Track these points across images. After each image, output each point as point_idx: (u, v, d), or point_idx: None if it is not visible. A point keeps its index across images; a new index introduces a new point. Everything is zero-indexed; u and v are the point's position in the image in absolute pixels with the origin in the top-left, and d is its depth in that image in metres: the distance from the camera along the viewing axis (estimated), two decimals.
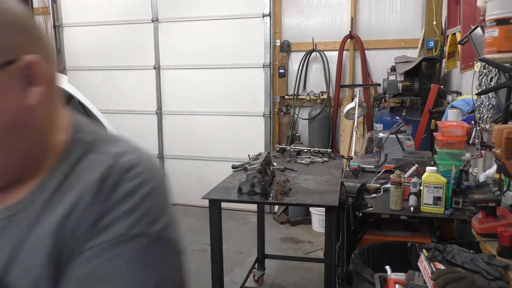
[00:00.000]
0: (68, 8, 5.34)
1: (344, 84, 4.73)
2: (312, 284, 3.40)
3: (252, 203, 2.81)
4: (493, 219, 1.77)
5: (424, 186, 2.13)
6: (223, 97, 4.95)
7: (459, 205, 2.17)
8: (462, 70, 3.14)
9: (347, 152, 4.36)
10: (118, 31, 5.14)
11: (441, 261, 1.53)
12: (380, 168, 2.83)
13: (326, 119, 4.69)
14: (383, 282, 1.56)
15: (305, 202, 2.25)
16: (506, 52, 1.80)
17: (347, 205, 2.21)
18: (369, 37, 4.58)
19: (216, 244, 2.26)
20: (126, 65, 5.11)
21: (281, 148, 3.37)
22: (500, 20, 1.79)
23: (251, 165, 2.33)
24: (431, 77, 3.93)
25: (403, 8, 4.48)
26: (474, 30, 2.38)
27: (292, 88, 4.83)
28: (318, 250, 3.95)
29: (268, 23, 4.68)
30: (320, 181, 2.50)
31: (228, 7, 4.79)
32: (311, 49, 4.71)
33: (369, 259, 2.09)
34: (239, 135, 4.95)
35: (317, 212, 4.31)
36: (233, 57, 4.85)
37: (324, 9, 4.72)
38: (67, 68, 5.45)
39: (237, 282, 3.25)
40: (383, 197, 2.41)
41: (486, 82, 2.22)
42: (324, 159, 3.09)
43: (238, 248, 3.96)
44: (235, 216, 4.73)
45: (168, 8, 4.96)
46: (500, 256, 1.56)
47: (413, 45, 4.45)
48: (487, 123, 2.20)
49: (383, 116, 4.09)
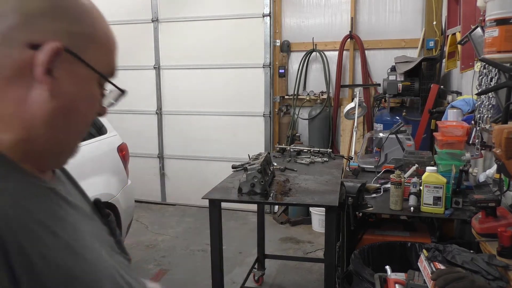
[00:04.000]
0: None
1: (344, 84, 4.73)
2: (312, 284, 3.40)
3: (252, 203, 2.81)
4: (493, 219, 1.77)
5: (424, 186, 2.13)
6: (223, 97, 4.95)
7: (459, 205, 2.17)
8: (462, 70, 3.14)
9: (347, 152, 4.36)
10: (118, 31, 5.03)
11: (441, 261, 1.53)
12: (380, 168, 2.83)
13: (326, 119, 4.69)
14: (383, 282, 1.56)
15: (305, 202, 2.25)
16: (506, 52, 1.80)
17: (347, 205, 2.21)
18: (369, 37, 4.58)
19: (216, 244, 2.26)
20: (126, 65, 5.10)
21: (281, 148, 3.37)
22: (500, 20, 1.79)
23: (251, 165, 2.33)
24: (431, 77, 3.93)
25: (403, 8, 4.48)
26: (474, 30, 2.38)
27: (292, 88, 4.83)
28: (318, 250, 3.95)
29: (268, 23, 4.68)
30: (320, 181, 2.50)
31: (228, 7, 4.78)
32: (311, 49, 4.71)
33: (369, 259, 2.09)
34: (239, 135, 4.95)
35: (317, 212, 4.31)
36: (233, 57, 4.85)
37: (324, 9, 4.72)
38: None
39: (237, 282, 3.25)
40: (383, 197, 2.41)
41: (486, 82, 2.22)
42: (324, 159, 3.09)
43: (238, 248, 3.96)
44: (235, 216, 4.74)
45: (168, 8, 4.96)
46: (500, 256, 1.56)
47: (413, 45, 4.45)
48: (487, 123, 2.20)
49: (383, 116, 4.09)
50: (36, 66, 0.56)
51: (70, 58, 0.60)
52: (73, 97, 0.61)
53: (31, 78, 0.57)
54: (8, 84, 0.57)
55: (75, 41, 0.60)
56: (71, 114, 0.62)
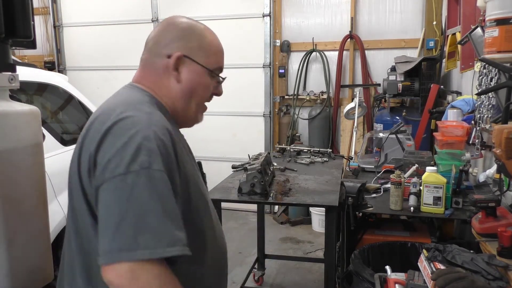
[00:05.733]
0: (68, 8, 5.35)
1: (344, 84, 4.73)
2: (312, 284, 3.40)
3: (252, 203, 2.81)
4: (493, 219, 1.77)
5: (424, 186, 2.13)
6: (223, 97, 4.84)
7: (459, 205, 2.17)
8: (462, 70, 3.14)
9: (347, 152, 4.36)
10: (118, 31, 5.13)
11: (441, 261, 1.53)
12: (380, 168, 2.83)
13: (326, 119, 4.69)
14: (383, 282, 1.56)
15: (305, 202, 2.25)
16: (506, 52, 1.80)
17: (347, 205, 2.21)
18: (369, 37, 4.58)
19: None
20: (126, 65, 5.09)
21: (281, 148, 3.37)
22: (500, 20, 1.79)
23: (251, 165, 2.33)
24: (431, 77, 3.93)
25: (403, 8, 4.48)
26: (474, 30, 2.38)
27: (292, 88, 4.83)
28: (318, 250, 3.95)
29: (268, 23, 4.68)
30: (320, 181, 2.50)
31: (228, 7, 4.79)
32: (311, 49, 4.71)
33: (369, 259, 2.09)
34: (239, 135, 4.95)
35: (317, 212, 4.31)
36: (233, 57, 4.83)
37: (324, 9, 4.72)
38: (67, 68, 5.46)
39: (237, 282, 3.25)
40: (383, 197, 2.40)
41: (486, 82, 2.22)
42: (324, 159, 3.09)
43: (238, 248, 3.96)
44: (235, 216, 4.74)
45: (168, 8, 4.96)
46: (500, 256, 1.56)
47: (413, 45, 4.45)
48: (487, 123, 2.20)
49: (383, 116, 4.09)
50: (169, 67, 1.09)
51: (188, 60, 1.10)
52: (191, 83, 1.11)
53: (169, 73, 1.10)
54: (163, 77, 1.11)
55: (190, 50, 1.10)
56: (192, 93, 1.12)
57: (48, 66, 5.46)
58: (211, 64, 1.12)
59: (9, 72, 1.35)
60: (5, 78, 1.33)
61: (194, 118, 1.18)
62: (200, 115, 1.19)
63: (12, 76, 1.35)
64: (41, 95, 3.00)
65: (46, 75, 3.03)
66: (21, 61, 3.95)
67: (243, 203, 2.32)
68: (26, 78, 2.47)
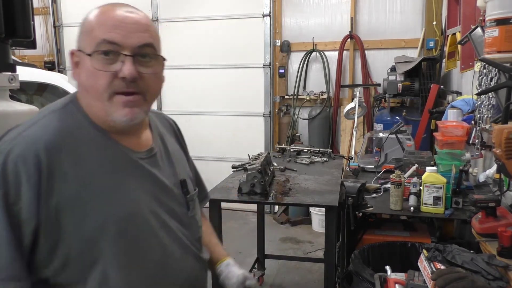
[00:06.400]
0: (68, 8, 5.34)
1: (344, 84, 4.73)
2: (312, 284, 3.40)
3: (252, 203, 2.81)
4: (493, 219, 1.77)
5: (424, 186, 2.13)
6: (223, 97, 4.95)
7: (459, 205, 2.17)
8: (462, 70, 3.14)
9: (347, 152, 4.36)
10: None
11: (441, 261, 1.53)
12: (380, 168, 2.83)
13: (326, 119, 4.69)
14: (383, 282, 1.56)
15: (305, 202, 2.25)
16: (506, 52, 1.80)
17: (347, 205, 2.21)
18: (369, 37, 4.58)
19: None
20: None
21: (281, 148, 3.37)
22: (500, 20, 1.79)
23: (251, 165, 2.33)
24: (431, 77, 3.93)
25: (403, 8, 4.48)
26: (474, 30, 2.38)
27: (292, 88, 4.83)
28: (318, 250, 3.95)
29: (268, 23, 4.68)
30: (320, 181, 2.50)
31: (228, 7, 4.78)
32: (311, 49, 4.71)
33: (369, 259, 2.09)
34: (239, 135, 4.95)
35: (317, 212, 4.31)
36: (233, 57, 4.85)
37: (324, 9, 4.72)
38: (67, 68, 5.45)
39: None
40: (383, 197, 2.40)
41: (486, 82, 2.22)
42: (324, 159, 3.09)
43: (238, 248, 3.96)
44: (235, 216, 4.73)
45: (168, 8, 4.96)
46: (500, 256, 1.56)
47: (413, 45, 4.45)
48: (487, 123, 2.20)
49: (383, 116, 4.09)
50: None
51: (77, 53, 0.97)
52: (82, 76, 0.96)
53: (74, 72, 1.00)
54: (75, 78, 0.99)
55: (78, 41, 0.98)
56: (86, 87, 0.96)
57: (48, 66, 5.46)
58: (90, 45, 0.93)
59: (9, 72, 1.35)
60: (5, 78, 1.33)
61: (109, 118, 0.95)
62: (117, 111, 0.94)
63: (12, 76, 1.35)
64: (41, 95, 3.00)
65: (46, 75, 3.04)
66: (21, 61, 3.95)
67: (243, 203, 2.32)
68: (26, 78, 2.47)
